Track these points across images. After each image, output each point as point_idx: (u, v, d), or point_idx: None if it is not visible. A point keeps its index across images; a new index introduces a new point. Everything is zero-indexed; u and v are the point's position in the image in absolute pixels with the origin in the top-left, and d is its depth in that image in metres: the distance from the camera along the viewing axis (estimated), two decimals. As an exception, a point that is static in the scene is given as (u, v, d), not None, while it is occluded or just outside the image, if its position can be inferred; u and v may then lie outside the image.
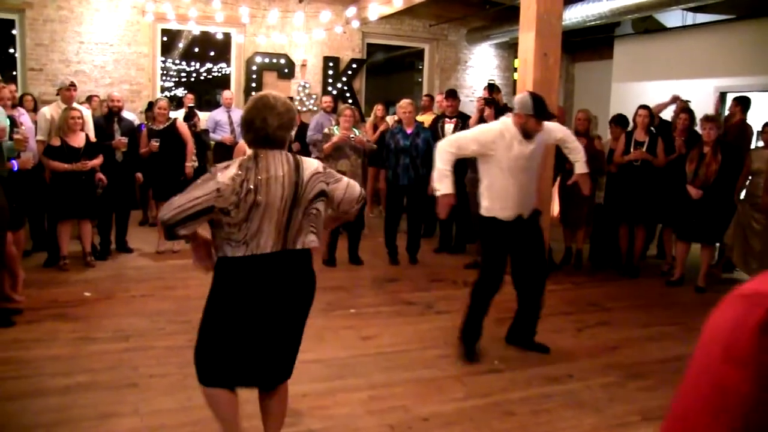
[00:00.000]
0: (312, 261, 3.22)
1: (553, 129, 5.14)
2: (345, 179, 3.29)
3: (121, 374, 4.50)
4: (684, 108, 8.26)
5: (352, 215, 3.39)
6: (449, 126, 8.35)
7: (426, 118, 9.79)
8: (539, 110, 4.74)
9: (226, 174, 2.96)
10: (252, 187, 2.95)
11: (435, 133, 8.25)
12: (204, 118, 10.94)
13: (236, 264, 3.03)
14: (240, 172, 2.97)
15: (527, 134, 4.77)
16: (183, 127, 8.20)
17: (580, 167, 5.21)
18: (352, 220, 3.59)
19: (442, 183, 4.73)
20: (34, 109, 8.47)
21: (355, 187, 3.30)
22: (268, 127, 3.04)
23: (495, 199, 4.90)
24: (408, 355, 5.06)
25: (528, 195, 4.96)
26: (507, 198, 4.86)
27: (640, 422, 4.10)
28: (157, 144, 7.77)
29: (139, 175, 8.22)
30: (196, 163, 8.84)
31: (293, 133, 9.51)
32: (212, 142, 10.60)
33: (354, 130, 7.69)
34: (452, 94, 8.59)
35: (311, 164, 3.16)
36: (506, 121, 4.86)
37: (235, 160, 3.09)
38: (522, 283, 5.14)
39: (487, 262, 5.06)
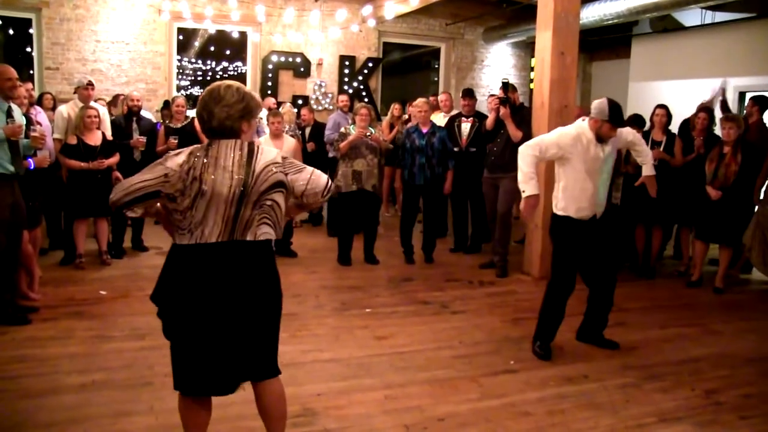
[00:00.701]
0: (272, 254, 3.16)
1: (624, 132, 5.25)
2: (309, 169, 3.15)
3: (136, 373, 4.51)
4: (703, 107, 8.18)
5: (317, 206, 3.33)
6: (466, 125, 8.31)
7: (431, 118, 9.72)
8: (615, 117, 4.90)
9: (175, 160, 2.97)
10: (197, 175, 2.93)
11: (451, 132, 8.22)
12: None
13: (182, 252, 3.01)
14: (188, 160, 2.96)
15: (600, 139, 4.92)
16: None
17: (648, 170, 5.36)
18: (315, 211, 3.52)
19: (528, 185, 4.88)
20: (53, 108, 8.50)
21: (320, 178, 3.14)
22: (213, 119, 3.01)
23: (571, 199, 5.00)
24: (423, 355, 5.04)
25: (602, 196, 5.09)
26: (583, 199, 4.98)
27: (656, 423, 4.06)
28: (176, 142, 7.78)
29: None
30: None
31: (307, 131, 9.51)
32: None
33: (370, 129, 7.67)
34: (469, 94, 8.55)
35: (268, 154, 3.08)
36: (582, 125, 4.99)
37: (188, 148, 3.07)
38: (593, 280, 5.26)
39: (559, 262, 5.14)
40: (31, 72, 11.47)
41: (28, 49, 11.78)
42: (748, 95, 10.06)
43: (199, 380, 3.07)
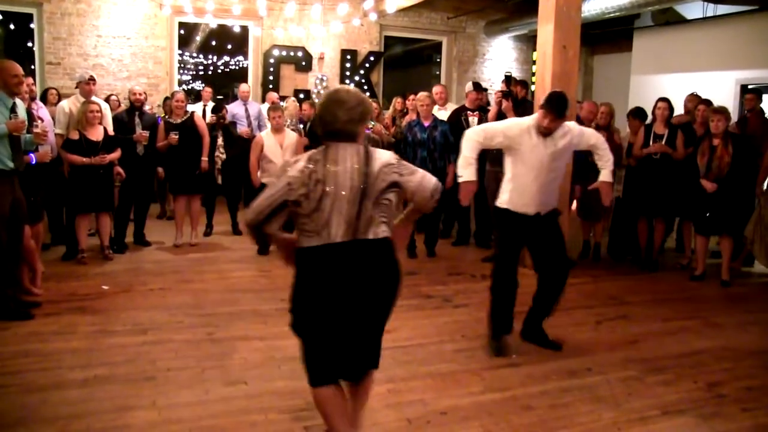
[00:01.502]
0: (393, 250, 3.24)
1: (587, 134, 5.09)
2: (420, 172, 3.27)
3: (139, 367, 4.52)
4: (702, 100, 8.17)
5: (430, 208, 3.38)
6: (473, 119, 8.28)
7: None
8: (553, 107, 4.70)
9: (295, 167, 3.07)
10: (320, 177, 3.04)
11: (459, 125, 8.12)
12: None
13: (311, 253, 3.11)
14: (309, 165, 3.06)
15: (545, 132, 4.76)
16: (200, 121, 8.21)
17: (606, 175, 5.06)
18: (430, 212, 3.59)
19: (466, 170, 4.78)
20: (58, 104, 8.49)
21: (430, 180, 3.27)
22: (337, 122, 3.11)
23: (515, 192, 4.89)
24: (426, 349, 5.04)
25: (548, 194, 4.95)
26: (526, 194, 4.85)
27: (659, 416, 4.06)
28: (177, 137, 7.77)
29: (161, 169, 8.24)
30: (224, 156, 8.85)
31: (303, 126, 9.51)
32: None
33: (371, 122, 7.66)
34: (478, 87, 8.53)
35: (382, 156, 3.21)
36: (537, 117, 4.85)
37: (305, 153, 3.17)
38: (542, 269, 5.10)
39: (499, 254, 5.07)
40: (33, 67, 11.46)
41: (30, 44, 11.78)
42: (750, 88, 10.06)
43: (334, 369, 3.22)
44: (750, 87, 9.47)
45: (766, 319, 6.16)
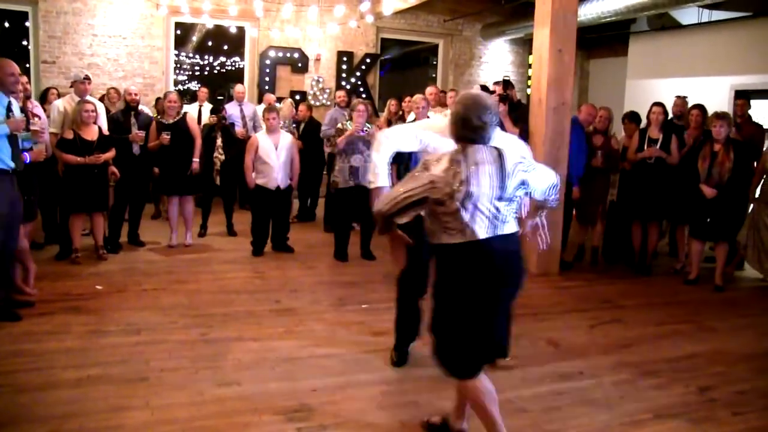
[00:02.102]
0: (521, 243, 3.43)
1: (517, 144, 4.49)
2: (540, 166, 3.43)
3: (132, 368, 4.51)
4: (696, 104, 8.20)
5: (552, 202, 3.58)
6: None
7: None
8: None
9: (438, 167, 3.22)
10: (464, 178, 3.18)
11: None
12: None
13: (454, 250, 3.27)
14: (452, 166, 3.21)
15: None
16: (192, 122, 8.17)
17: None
18: (554, 208, 3.73)
19: (377, 175, 4.18)
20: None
21: (549, 175, 3.47)
22: (484, 126, 3.27)
23: None
24: (419, 351, 5.03)
25: None
26: None
27: (651, 420, 4.07)
28: (169, 137, 7.75)
29: (157, 169, 8.23)
30: (223, 157, 8.83)
31: (302, 127, 9.48)
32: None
33: (367, 124, 7.67)
34: (485, 90, 8.51)
35: (513, 155, 3.35)
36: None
37: (446, 153, 3.31)
38: None
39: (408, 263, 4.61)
40: (27, 66, 11.42)
41: (24, 43, 11.75)
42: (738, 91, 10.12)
43: (482, 358, 3.43)
44: (737, 90, 9.51)
45: (759, 323, 6.19)
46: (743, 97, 8.50)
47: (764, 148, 7.71)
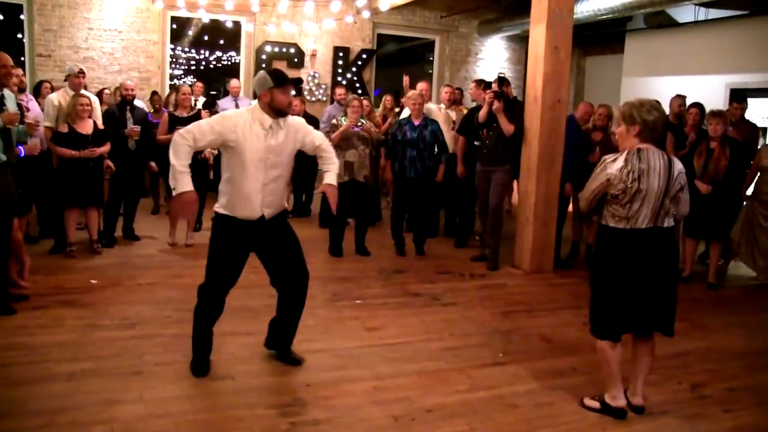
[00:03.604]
0: (674, 236, 4.02)
1: (311, 133, 4.53)
2: (686, 190, 4.01)
3: (126, 361, 4.51)
4: (694, 103, 8.20)
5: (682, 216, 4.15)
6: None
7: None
8: (279, 78, 4.26)
9: (614, 166, 3.82)
10: (637, 177, 3.76)
11: (471, 125, 8.05)
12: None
13: (616, 234, 3.90)
14: (626, 165, 3.78)
15: (280, 112, 4.26)
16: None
17: (329, 178, 4.58)
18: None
19: (180, 180, 4.08)
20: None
21: (687, 204, 4.03)
22: (658, 130, 3.87)
23: (235, 196, 4.32)
24: (413, 347, 5.06)
25: (275, 194, 4.41)
26: (247, 197, 4.29)
27: (642, 417, 4.09)
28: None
29: (153, 164, 8.20)
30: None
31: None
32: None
33: (362, 120, 7.67)
34: (488, 86, 8.54)
35: (678, 163, 3.92)
36: (252, 108, 4.33)
37: (621, 153, 3.87)
38: (280, 284, 4.63)
39: (212, 268, 4.49)
40: (22, 59, 11.39)
41: (20, 36, 11.71)
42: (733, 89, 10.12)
43: (619, 327, 4.01)
44: (733, 88, 9.52)
45: (752, 321, 6.21)
46: (739, 95, 8.49)
47: (759, 146, 7.72)
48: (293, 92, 4.50)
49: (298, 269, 4.56)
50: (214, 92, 10.00)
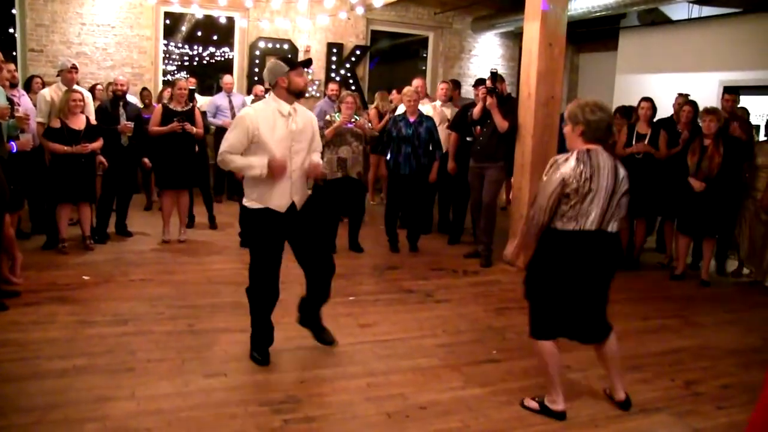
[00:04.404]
0: (620, 242, 4.03)
1: (317, 133, 4.74)
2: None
3: (118, 358, 4.50)
4: (687, 100, 8.22)
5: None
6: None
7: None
8: (292, 62, 4.47)
9: (567, 165, 3.76)
10: (588, 176, 3.72)
11: (465, 121, 8.03)
12: (204, 102, 10.90)
13: (562, 236, 3.81)
14: (578, 165, 3.73)
15: (300, 94, 4.43)
16: (200, 117, 8.07)
17: (316, 158, 4.74)
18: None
19: (253, 166, 4.32)
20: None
21: (626, 205, 3.95)
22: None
23: (266, 188, 4.43)
24: (406, 344, 5.06)
25: (301, 179, 4.59)
26: (278, 186, 4.43)
27: (636, 413, 4.10)
28: (181, 125, 7.59)
29: (146, 160, 8.16)
30: (196, 148, 8.78)
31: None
32: (213, 127, 10.54)
33: (355, 116, 7.65)
34: (481, 83, 8.52)
35: (623, 167, 3.91)
36: (268, 99, 4.51)
37: (570, 153, 3.82)
38: (306, 264, 4.75)
39: (257, 263, 4.59)
40: (14, 54, 11.33)
41: (11, 31, 11.64)
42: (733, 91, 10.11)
43: (557, 328, 3.97)
44: (726, 86, 9.50)
45: (745, 318, 6.23)
46: (733, 92, 8.49)
47: (756, 143, 7.70)
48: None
49: (325, 253, 4.81)
50: (193, 88, 9.93)
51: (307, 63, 4.78)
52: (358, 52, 13.57)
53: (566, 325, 3.95)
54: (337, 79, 12.81)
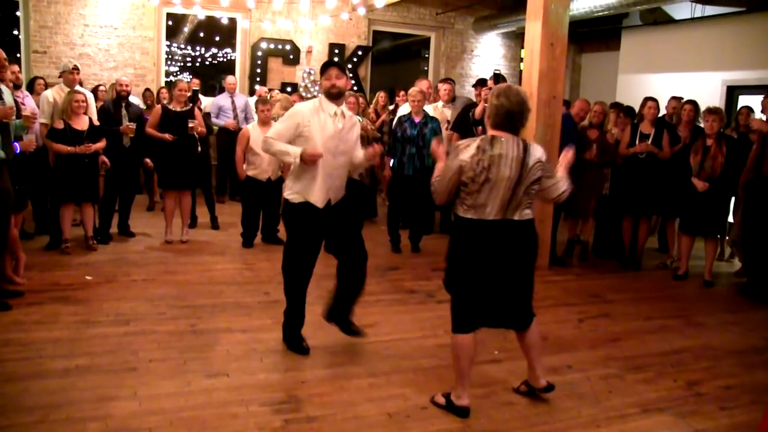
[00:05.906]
0: (534, 230, 3.90)
1: (359, 142, 4.95)
2: (557, 177, 3.88)
3: (120, 358, 4.50)
4: (689, 100, 8.21)
5: (550, 203, 4.22)
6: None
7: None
8: (322, 66, 4.72)
9: (466, 152, 3.69)
10: (486, 165, 3.64)
11: (467, 121, 8.03)
12: (207, 103, 10.93)
13: (466, 224, 3.79)
14: (477, 152, 3.66)
15: (329, 94, 4.59)
16: (200, 118, 8.08)
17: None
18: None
19: (290, 152, 4.54)
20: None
21: (561, 187, 3.89)
22: (524, 120, 3.75)
23: (307, 181, 4.62)
24: (408, 344, 5.06)
25: (341, 179, 4.79)
26: (317, 181, 4.61)
27: (638, 414, 4.09)
28: (171, 138, 7.60)
29: (148, 160, 8.17)
30: (199, 148, 8.79)
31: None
32: (215, 127, 10.56)
33: (357, 117, 7.64)
34: (482, 83, 8.52)
35: (536, 151, 3.78)
36: (318, 98, 4.71)
37: (474, 140, 3.76)
38: (341, 255, 4.95)
39: (293, 256, 4.80)
40: (18, 55, 11.36)
41: (15, 32, 11.67)
42: (737, 91, 10.12)
43: (475, 320, 3.90)
44: (729, 85, 9.48)
45: (747, 319, 6.21)
46: (733, 92, 8.51)
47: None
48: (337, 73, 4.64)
49: (360, 249, 4.96)
50: (196, 89, 9.96)
51: (329, 63, 4.81)
52: (359, 53, 13.58)
53: (485, 314, 3.91)
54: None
